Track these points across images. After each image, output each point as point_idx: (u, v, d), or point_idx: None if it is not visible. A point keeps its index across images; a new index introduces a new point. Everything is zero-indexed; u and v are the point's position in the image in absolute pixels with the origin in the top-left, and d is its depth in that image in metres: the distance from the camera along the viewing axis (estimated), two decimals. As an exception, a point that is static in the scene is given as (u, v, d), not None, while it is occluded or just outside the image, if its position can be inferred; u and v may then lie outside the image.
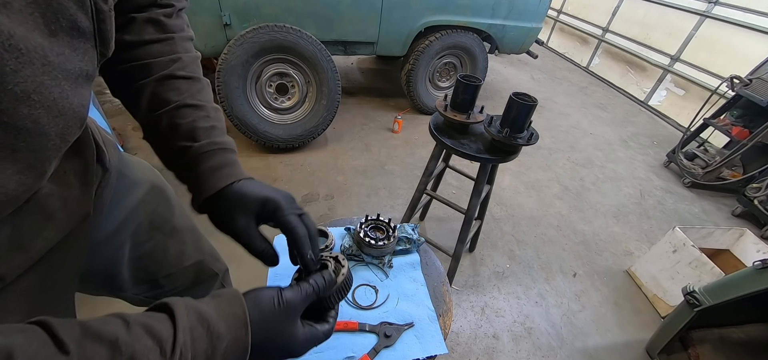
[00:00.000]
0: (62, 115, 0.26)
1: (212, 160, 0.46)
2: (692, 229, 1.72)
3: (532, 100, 1.11)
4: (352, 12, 2.41)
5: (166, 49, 0.47)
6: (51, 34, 0.23)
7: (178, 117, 0.46)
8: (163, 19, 0.47)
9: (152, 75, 0.46)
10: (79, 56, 0.27)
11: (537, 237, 2.06)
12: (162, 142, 0.48)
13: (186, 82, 0.48)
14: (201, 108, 0.48)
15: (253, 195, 0.46)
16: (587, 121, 3.65)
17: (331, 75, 2.29)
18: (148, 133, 0.49)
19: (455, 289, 1.68)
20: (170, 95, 0.46)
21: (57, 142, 0.26)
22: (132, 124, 2.49)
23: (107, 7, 0.29)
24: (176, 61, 0.47)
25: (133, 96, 0.46)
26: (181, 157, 0.46)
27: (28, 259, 0.35)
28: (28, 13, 0.22)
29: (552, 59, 5.72)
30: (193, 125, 0.46)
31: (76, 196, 0.40)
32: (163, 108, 0.46)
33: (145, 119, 0.47)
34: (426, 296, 0.74)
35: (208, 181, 0.45)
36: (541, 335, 1.54)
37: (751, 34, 3.35)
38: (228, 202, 0.46)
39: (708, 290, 1.30)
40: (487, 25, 2.85)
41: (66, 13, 0.24)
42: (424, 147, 2.70)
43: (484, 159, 1.21)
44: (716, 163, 2.62)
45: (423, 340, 0.65)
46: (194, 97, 0.48)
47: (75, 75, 0.27)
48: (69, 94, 0.26)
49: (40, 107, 0.23)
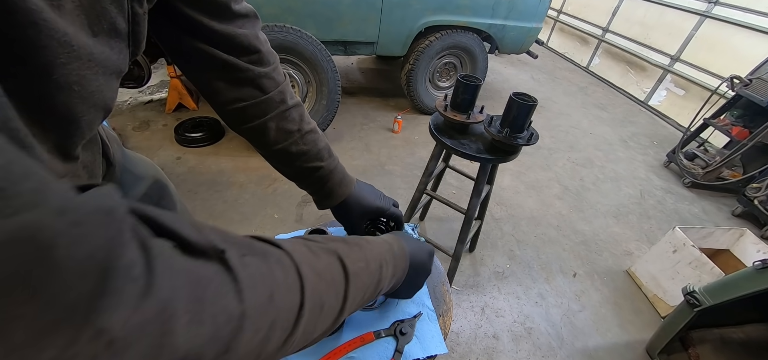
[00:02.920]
0: (94, 106, 0.28)
1: (337, 175, 0.61)
2: (692, 229, 1.72)
3: (532, 100, 1.11)
4: (352, 12, 2.41)
5: (272, 84, 0.54)
6: (93, 35, 0.26)
7: (304, 144, 0.57)
8: (260, 48, 0.52)
9: (271, 112, 0.54)
10: (115, 54, 0.30)
11: (537, 237, 2.06)
12: (291, 164, 0.59)
13: (296, 111, 0.57)
14: (315, 131, 0.59)
15: (370, 204, 0.65)
16: (587, 121, 3.65)
17: (331, 75, 2.29)
18: (274, 158, 0.59)
19: (455, 289, 1.68)
20: (291, 126, 0.56)
21: (84, 129, 0.29)
22: (132, 124, 2.50)
23: (142, 11, 0.32)
24: (283, 92, 0.55)
25: (258, 133, 0.55)
26: (313, 174, 0.60)
27: None
28: (76, 15, 0.24)
29: (552, 59, 5.72)
30: (318, 148, 0.59)
31: None
32: (289, 139, 0.56)
33: (274, 149, 0.57)
34: (426, 296, 0.74)
35: (339, 191, 0.62)
36: (541, 335, 1.54)
37: (751, 34, 3.35)
38: (349, 207, 0.64)
39: (708, 290, 1.30)
40: (487, 25, 2.85)
41: (108, 16, 0.27)
42: (424, 147, 2.70)
43: (484, 159, 1.21)
44: (716, 163, 2.62)
45: (423, 340, 0.65)
46: (307, 122, 0.58)
47: (111, 71, 0.29)
48: (103, 87, 0.29)
49: (77, 97, 0.26)
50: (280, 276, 0.28)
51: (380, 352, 0.63)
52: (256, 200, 2.00)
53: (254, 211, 1.92)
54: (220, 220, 1.83)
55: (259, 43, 0.51)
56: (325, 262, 0.34)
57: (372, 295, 0.44)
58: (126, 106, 2.72)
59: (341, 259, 0.36)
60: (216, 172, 2.16)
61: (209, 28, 0.44)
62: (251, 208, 1.94)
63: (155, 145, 2.30)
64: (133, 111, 2.66)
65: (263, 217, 1.89)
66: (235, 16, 0.46)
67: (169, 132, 2.43)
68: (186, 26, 0.44)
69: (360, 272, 0.38)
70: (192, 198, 1.93)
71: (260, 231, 1.80)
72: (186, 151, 2.29)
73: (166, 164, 2.15)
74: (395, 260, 0.48)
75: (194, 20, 0.43)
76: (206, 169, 2.17)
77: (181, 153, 2.28)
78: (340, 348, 0.62)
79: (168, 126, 2.51)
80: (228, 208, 1.91)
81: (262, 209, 1.94)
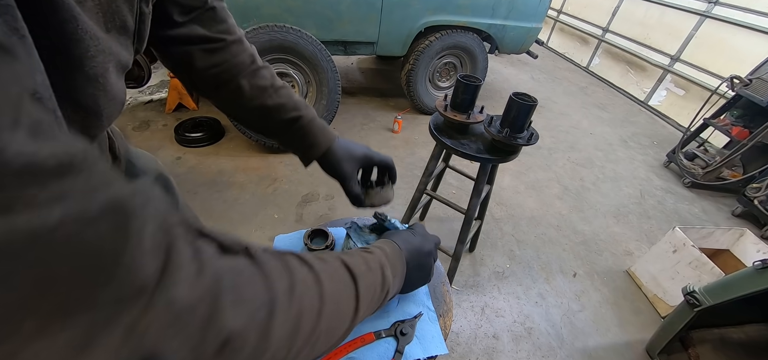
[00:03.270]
0: (114, 99, 0.30)
1: (317, 123, 0.61)
2: (692, 229, 1.72)
3: (532, 100, 1.11)
4: (352, 12, 2.41)
5: (241, 48, 0.56)
6: (107, 31, 0.28)
7: (279, 97, 0.59)
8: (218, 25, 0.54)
9: (244, 71, 0.56)
10: (123, 50, 0.31)
11: (537, 237, 2.06)
12: (270, 117, 0.60)
13: (267, 70, 0.59)
14: (286, 87, 0.60)
15: (357, 150, 0.64)
16: (587, 121, 3.65)
17: (331, 75, 2.29)
18: (252, 114, 0.60)
19: (455, 289, 1.68)
20: (263, 83, 0.58)
21: (103, 121, 0.30)
22: (132, 124, 2.50)
23: (148, 11, 0.34)
24: (252, 55, 0.58)
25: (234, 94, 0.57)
26: (292, 125, 0.60)
27: None
28: (95, 12, 0.26)
29: (552, 59, 5.72)
30: (293, 100, 0.60)
31: None
32: (264, 94, 0.58)
33: (249, 107, 0.58)
34: (426, 296, 0.74)
35: (322, 139, 0.61)
36: (541, 335, 1.54)
37: (751, 34, 3.35)
38: (337, 155, 0.62)
39: (708, 290, 1.30)
40: (487, 25, 2.85)
41: (120, 13, 0.29)
42: (424, 147, 2.70)
43: (484, 159, 1.21)
44: (716, 163, 2.62)
45: (423, 340, 0.66)
46: (278, 79, 0.60)
47: (122, 66, 0.31)
48: (117, 81, 0.30)
49: (101, 90, 0.28)
50: (298, 272, 0.30)
51: (380, 352, 0.63)
52: (256, 200, 2.00)
53: (254, 211, 1.92)
54: (220, 220, 1.83)
55: (226, 14, 0.55)
56: (333, 266, 0.36)
57: (380, 298, 0.46)
58: (126, 106, 2.71)
59: (344, 262, 0.38)
60: (216, 172, 2.16)
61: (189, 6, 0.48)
62: (251, 208, 1.94)
63: (155, 145, 2.30)
64: (133, 111, 2.66)
65: (263, 217, 1.89)
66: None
67: (169, 132, 2.43)
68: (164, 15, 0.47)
69: (364, 274, 0.39)
70: (192, 198, 1.92)
71: (260, 231, 1.80)
72: (186, 151, 2.29)
73: (166, 164, 2.14)
74: (392, 263, 0.49)
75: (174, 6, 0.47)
76: (206, 169, 2.17)
77: (181, 153, 2.28)
78: (340, 348, 0.62)
79: (168, 126, 2.51)
80: (228, 208, 1.91)
81: (262, 209, 1.94)
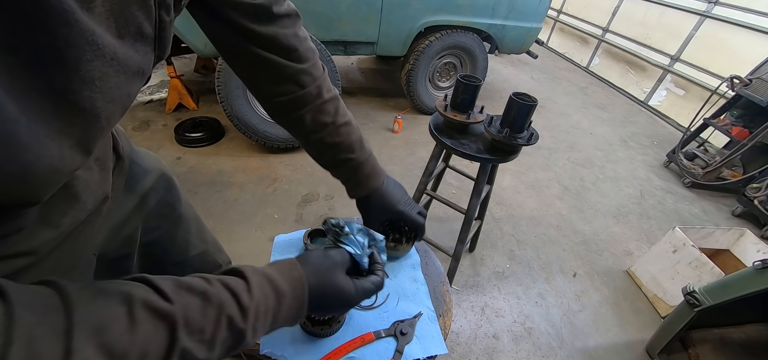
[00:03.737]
0: (113, 102, 0.30)
1: (366, 167, 0.63)
2: (692, 229, 1.72)
3: (532, 100, 1.11)
4: (352, 12, 2.41)
5: (309, 80, 0.56)
6: (119, 37, 0.28)
7: (338, 135, 0.60)
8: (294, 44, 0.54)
9: (307, 105, 0.57)
10: (140, 56, 0.31)
11: (537, 237, 2.06)
12: (325, 153, 0.62)
13: (332, 104, 0.59)
14: (349, 124, 0.61)
15: (393, 204, 0.66)
16: (587, 121, 3.65)
17: (331, 75, 2.29)
18: (310, 146, 0.62)
19: (455, 289, 1.68)
20: (325, 118, 0.58)
21: (104, 124, 0.30)
22: (132, 124, 2.50)
23: (169, 19, 0.34)
24: (319, 86, 0.57)
25: (295, 124, 0.59)
26: (344, 165, 0.62)
27: (58, 235, 0.40)
28: (105, 18, 0.26)
29: (552, 59, 5.72)
30: (350, 140, 0.61)
31: (96, 179, 0.44)
32: (324, 130, 0.59)
33: (309, 139, 0.60)
34: (426, 296, 0.74)
35: (365, 184, 0.64)
36: (541, 335, 1.54)
37: (751, 34, 3.35)
38: (372, 203, 0.65)
39: (708, 290, 1.30)
40: (487, 25, 2.85)
41: (135, 20, 0.29)
42: (424, 147, 2.70)
43: (484, 159, 1.21)
44: (716, 163, 2.62)
45: (423, 340, 0.66)
46: (342, 115, 0.61)
47: (133, 71, 0.31)
48: (123, 86, 0.30)
49: (99, 92, 0.28)
50: None
51: (380, 352, 0.63)
52: (256, 200, 2.00)
53: (254, 211, 1.92)
54: (220, 220, 1.83)
55: (298, 41, 0.54)
56: (144, 332, 0.29)
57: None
58: (126, 106, 2.72)
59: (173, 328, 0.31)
60: (216, 172, 2.16)
61: (251, 31, 0.49)
62: (251, 208, 1.94)
63: (155, 145, 2.30)
64: (133, 111, 2.66)
65: (263, 217, 1.89)
66: (276, 17, 0.50)
67: (169, 132, 2.43)
68: (233, 28, 0.48)
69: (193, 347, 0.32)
70: (192, 198, 1.92)
71: (260, 231, 1.80)
72: (186, 151, 2.29)
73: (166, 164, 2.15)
74: (277, 300, 0.40)
75: (239, 23, 0.48)
76: (206, 169, 2.17)
77: (181, 153, 2.28)
78: (340, 348, 0.62)
79: (168, 126, 2.51)
80: (228, 208, 1.91)
81: (262, 209, 1.94)
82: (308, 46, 0.56)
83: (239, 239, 1.73)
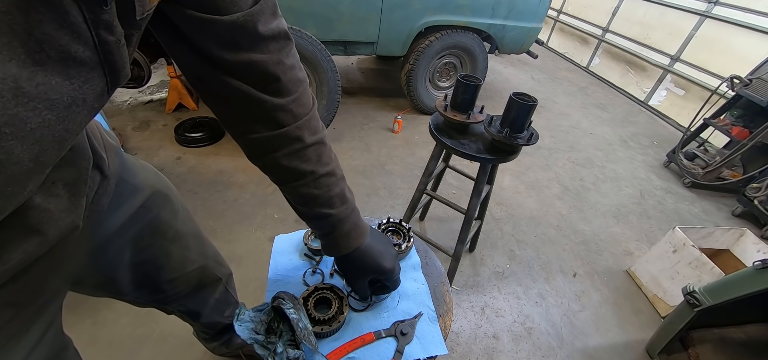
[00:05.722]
0: (39, 142, 0.25)
1: (345, 225, 0.56)
2: (692, 229, 1.72)
3: (532, 100, 1.11)
4: (352, 12, 2.41)
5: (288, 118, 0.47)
6: (35, 64, 0.23)
7: (317, 187, 0.52)
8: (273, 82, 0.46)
9: (283, 149, 0.49)
10: (75, 85, 0.26)
11: (537, 237, 2.06)
12: (301, 204, 0.55)
13: (314, 150, 0.51)
14: (331, 174, 0.54)
15: (371, 263, 0.60)
16: (587, 121, 3.65)
17: (331, 75, 2.29)
18: (287, 193, 0.56)
19: (455, 289, 1.68)
20: (304, 166, 0.50)
21: (30, 166, 0.26)
22: (132, 125, 2.50)
23: (114, 39, 0.28)
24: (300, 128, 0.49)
25: (269, 168, 0.52)
26: (322, 220, 0.55)
27: (4, 273, 0.35)
28: (4, 44, 0.21)
29: (552, 59, 5.72)
30: (330, 194, 0.54)
31: (63, 207, 0.39)
32: (301, 180, 0.51)
33: (284, 187, 0.54)
34: (427, 296, 0.74)
35: (344, 243, 0.57)
36: (541, 335, 1.54)
37: (751, 34, 3.35)
38: (351, 263, 0.60)
39: (708, 290, 1.30)
40: (487, 25, 2.85)
41: (54, 43, 0.23)
42: (424, 147, 2.69)
43: (484, 159, 1.21)
44: (716, 163, 2.61)
45: (423, 340, 0.66)
46: (325, 164, 0.53)
47: (65, 104, 0.26)
48: (52, 122, 0.26)
49: (12, 139, 0.23)
50: None
51: (381, 352, 0.63)
52: (256, 200, 1.99)
53: (254, 211, 1.92)
54: (220, 220, 1.83)
55: (282, 70, 0.44)
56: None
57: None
58: (126, 106, 2.72)
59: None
60: (216, 172, 2.16)
61: (225, 60, 0.40)
62: (251, 208, 1.94)
63: (155, 145, 2.30)
64: (133, 111, 2.66)
65: (263, 217, 1.89)
66: (260, 39, 0.41)
67: (169, 132, 2.43)
68: (202, 56, 0.40)
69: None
70: (192, 198, 1.92)
71: (260, 231, 1.80)
72: (186, 151, 2.29)
73: (166, 164, 2.15)
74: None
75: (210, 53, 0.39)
76: (206, 169, 2.17)
77: (181, 153, 2.28)
78: (340, 348, 0.62)
79: (168, 126, 2.51)
80: (228, 208, 1.91)
81: (262, 209, 1.94)
82: (294, 77, 0.47)
83: (239, 239, 1.73)
